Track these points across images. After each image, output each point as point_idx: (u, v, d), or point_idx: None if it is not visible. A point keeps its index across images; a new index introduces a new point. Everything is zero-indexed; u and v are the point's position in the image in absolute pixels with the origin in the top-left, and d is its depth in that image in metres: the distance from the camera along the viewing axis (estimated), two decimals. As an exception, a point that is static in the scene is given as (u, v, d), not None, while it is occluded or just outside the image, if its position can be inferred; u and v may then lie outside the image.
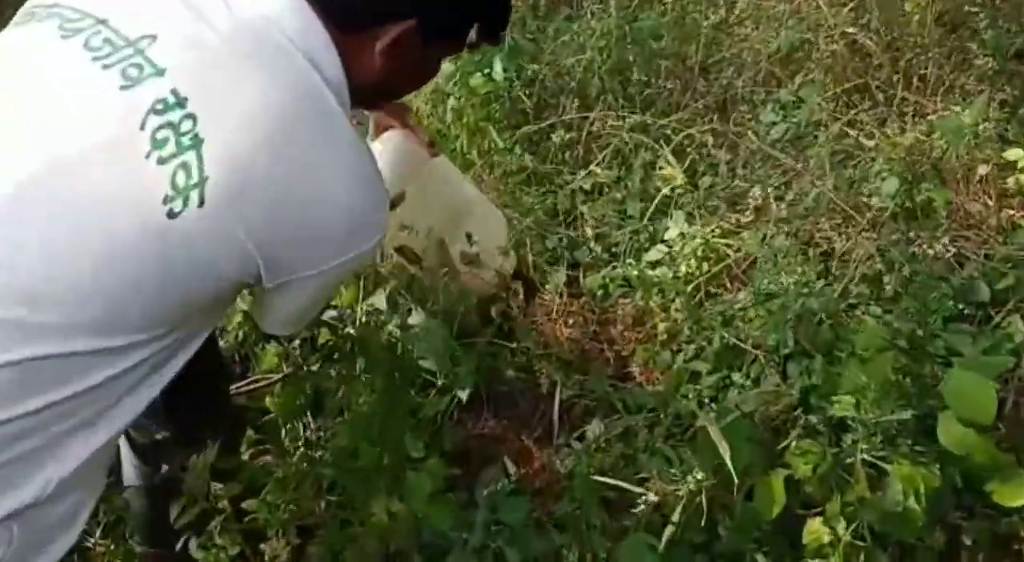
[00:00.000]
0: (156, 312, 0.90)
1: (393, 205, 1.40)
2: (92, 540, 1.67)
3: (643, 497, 1.22)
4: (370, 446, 1.31)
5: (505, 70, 2.48)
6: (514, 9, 2.87)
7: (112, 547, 1.55)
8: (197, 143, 0.85)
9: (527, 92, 2.59)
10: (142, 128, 0.86)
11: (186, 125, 0.86)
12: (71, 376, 0.88)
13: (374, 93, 1.06)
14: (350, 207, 0.93)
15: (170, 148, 0.85)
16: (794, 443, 1.38)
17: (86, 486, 1.01)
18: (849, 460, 1.30)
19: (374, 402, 1.38)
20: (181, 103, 0.87)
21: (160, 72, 0.88)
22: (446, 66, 2.51)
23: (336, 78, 0.95)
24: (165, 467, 1.42)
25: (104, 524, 1.68)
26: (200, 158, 0.85)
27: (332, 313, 1.88)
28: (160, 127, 0.86)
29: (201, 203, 0.85)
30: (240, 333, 1.94)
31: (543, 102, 2.66)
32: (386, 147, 1.46)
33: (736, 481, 1.24)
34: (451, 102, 2.38)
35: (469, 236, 1.63)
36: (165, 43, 0.91)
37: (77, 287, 0.85)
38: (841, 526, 1.25)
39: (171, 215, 0.85)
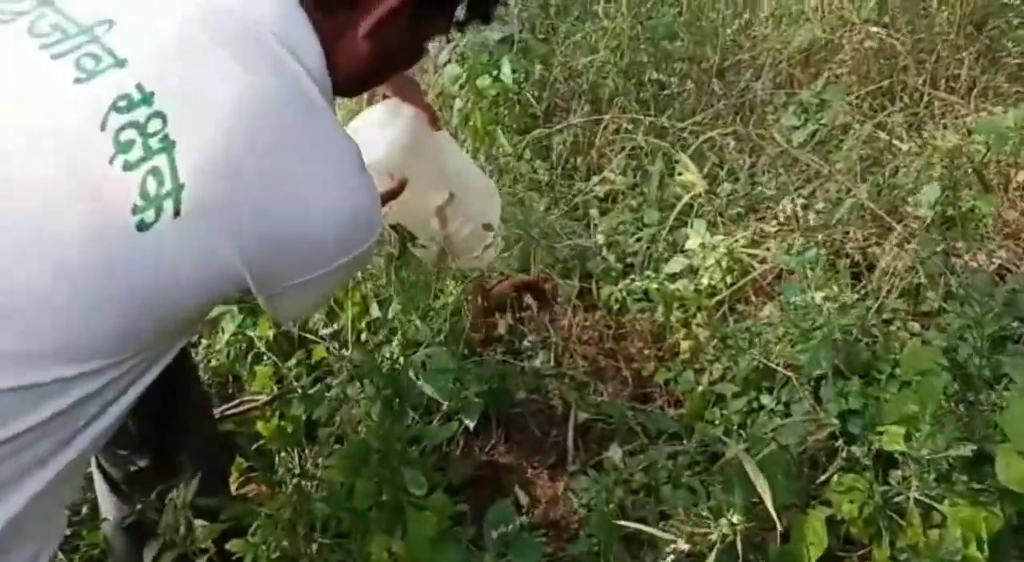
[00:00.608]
0: (124, 334, 0.79)
1: (396, 193, 1.28)
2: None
3: (672, 545, 1.09)
4: (366, 480, 1.19)
5: (514, 71, 2.37)
6: (524, 8, 2.76)
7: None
8: (167, 146, 0.74)
9: (537, 94, 2.47)
10: (103, 128, 0.75)
11: (154, 125, 0.75)
12: (25, 409, 0.76)
13: (357, 80, 0.95)
14: (342, 209, 0.83)
15: (137, 152, 0.74)
16: (835, 477, 1.25)
17: (41, 535, 0.88)
18: (898, 498, 1.17)
19: (371, 431, 1.25)
20: (147, 99, 0.76)
21: (120, 63, 0.77)
22: (452, 68, 2.40)
23: (318, 68, 0.84)
24: (140, 504, 1.30)
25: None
26: (173, 162, 0.74)
27: (328, 330, 1.77)
28: (124, 127, 0.75)
29: (176, 214, 0.74)
30: (231, 351, 1.83)
31: (554, 105, 2.55)
32: (391, 119, 1.34)
33: (779, 525, 1.11)
34: (457, 104, 2.26)
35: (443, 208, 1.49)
36: (125, 29, 0.79)
37: (30, 311, 0.74)
38: (892, 574, 1.12)
39: (141, 227, 0.74)
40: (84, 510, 1.55)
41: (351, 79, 0.92)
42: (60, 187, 0.74)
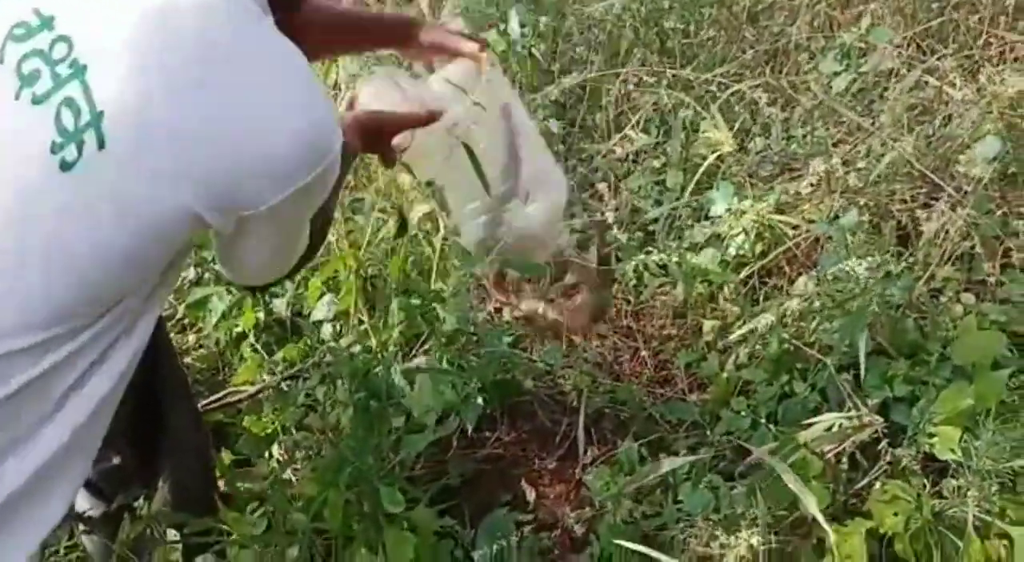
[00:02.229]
0: (83, 293, 0.70)
1: (423, 122, 1.09)
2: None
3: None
4: (339, 494, 1.06)
5: (523, 25, 2.18)
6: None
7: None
8: (78, 71, 0.66)
9: (550, 48, 2.28)
10: (1, 62, 0.68)
11: (59, 50, 0.67)
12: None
13: None
14: (292, 124, 0.72)
15: (45, 82, 0.67)
16: (878, 484, 1.09)
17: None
18: (952, 511, 1.00)
19: (345, 440, 1.12)
20: (47, 23, 0.68)
21: None
22: (455, 23, 2.22)
23: None
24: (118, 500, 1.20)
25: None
26: (87, 89, 0.66)
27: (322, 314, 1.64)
28: (26, 57, 0.68)
29: (101, 146, 0.65)
30: (220, 338, 1.71)
31: (569, 59, 2.36)
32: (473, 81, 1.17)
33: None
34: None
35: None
36: None
37: None
38: (944, 601, 0.96)
39: (64, 166, 0.66)
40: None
41: None
42: None
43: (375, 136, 1.02)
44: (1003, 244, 1.55)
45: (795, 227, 1.70)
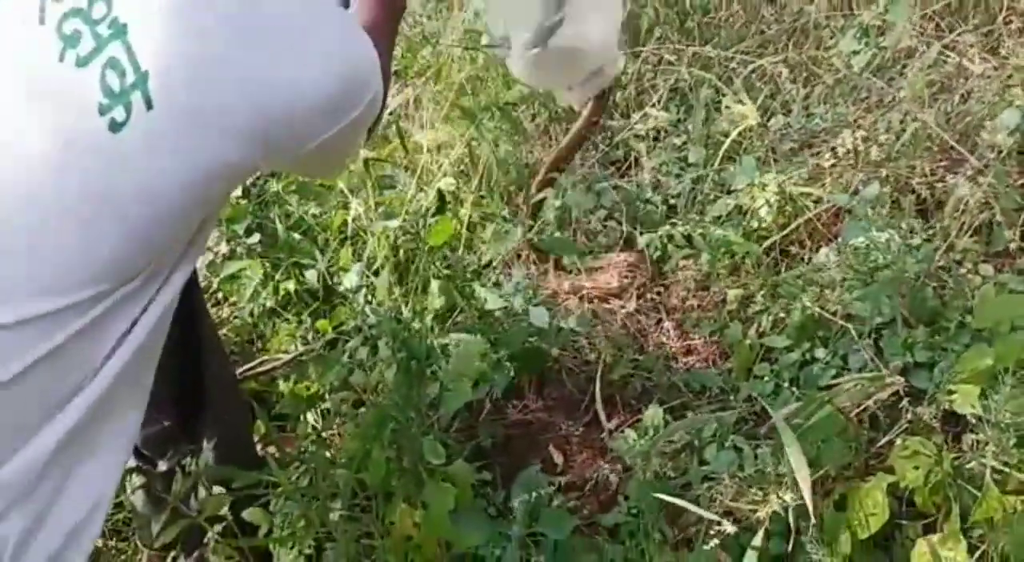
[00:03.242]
0: (128, 251, 0.72)
1: None
2: (102, 542, 1.51)
3: (718, 526, 0.99)
4: (382, 448, 1.10)
5: (546, 3, 2.20)
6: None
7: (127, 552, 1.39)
8: (119, 31, 0.67)
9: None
10: (42, 22, 0.68)
11: (99, 9, 0.67)
12: (24, 348, 0.69)
13: None
14: (330, 73, 0.72)
15: (87, 43, 0.67)
16: (899, 440, 1.12)
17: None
18: (970, 465, 1.04)
19: (388, 397, 1.16)
20: None
21: None
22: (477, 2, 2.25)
23: None
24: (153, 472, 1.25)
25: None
26: (129, 49, 0.66)
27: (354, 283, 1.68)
28: (66, 17, 0.68)
29: (149, 106, 0.66)
30: (254, 308, 1.76)
31: (590, 38, 2.38)
32: None
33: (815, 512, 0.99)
34: (483, 41, 2.11)
35: None
36: None
37: (23, 245, 0.68)
38: (961, 551, 1.00)
39: (114, 127, 0.66)
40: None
41: None
42: (15, 97, 0.68)
43: None
44: (1023, 215, 1.57)
45: (816, 200, 1.73)
